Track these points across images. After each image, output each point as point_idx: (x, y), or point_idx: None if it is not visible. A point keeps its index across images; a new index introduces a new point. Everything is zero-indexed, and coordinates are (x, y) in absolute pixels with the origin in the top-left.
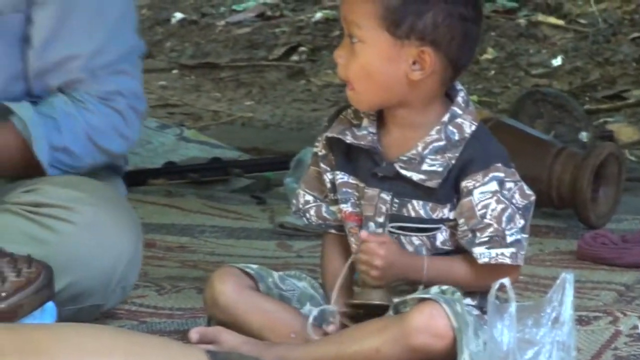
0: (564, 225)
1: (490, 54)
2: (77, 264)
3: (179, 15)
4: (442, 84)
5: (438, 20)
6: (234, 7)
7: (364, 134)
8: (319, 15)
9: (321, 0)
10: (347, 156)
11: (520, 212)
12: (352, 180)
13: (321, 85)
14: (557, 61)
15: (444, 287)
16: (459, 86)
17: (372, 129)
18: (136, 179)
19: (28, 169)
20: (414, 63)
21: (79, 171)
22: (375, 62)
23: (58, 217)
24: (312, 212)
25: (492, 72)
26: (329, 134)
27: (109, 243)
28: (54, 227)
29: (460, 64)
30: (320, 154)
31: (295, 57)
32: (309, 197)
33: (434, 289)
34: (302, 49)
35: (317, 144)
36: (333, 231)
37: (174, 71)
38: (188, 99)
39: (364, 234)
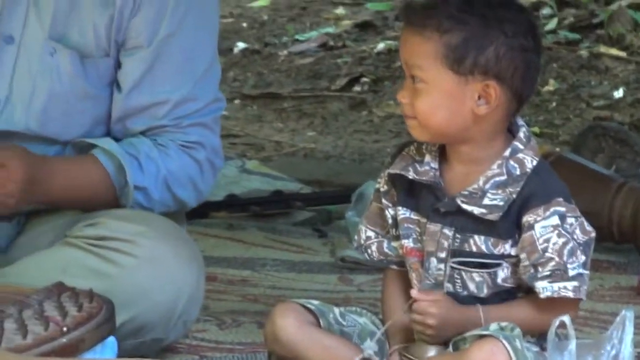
0: (625, 260)
1: (551, 85)
2: (138, 298)
3: (241, 45)
4: (506, 117)
5: (500, 54)
6: (296, 36)
7: (426, 170)
8: (381, 45)
9: (384, 30)
10: (410, 192)
11: (581, 247)
12: (414, 215)
13: (383, 116)
14: (618, 93)
15: (503, 324)
16: (521, 122)
17: (434, 165)
18: (198, 212)
19: (106, 203)
20: (479, 98)
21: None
22: (440, 101)
23: (120, 251)
24: (374, 247)
25: (554, 103)
26: (392, 171)
27: (170, 277)
28: (116, 260)
29: (524, 95)
30: (382, 190)
31: (357, 88)
32: (370, 233)
33: (493, 326)
34: (364, 79)
35: (379, 180)
36: (394, 267)
37: (236, 101)
38: (250, 129)
39: (414, 292)
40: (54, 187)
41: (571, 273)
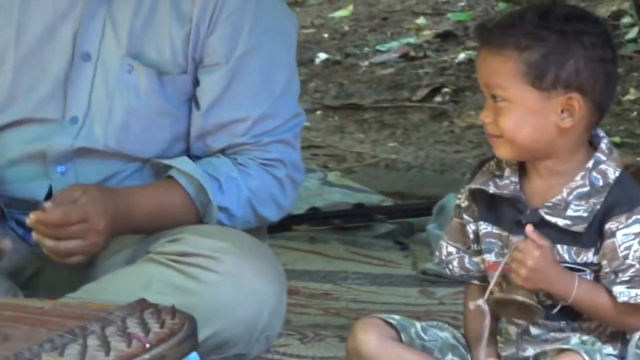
0: None
1: (632, 94)
2: (221, 313)
3: (322, 56)
4: (589, 129)
5: (580, 67)
6: (377, 47)
7: (506, 184)
8: (462, 55)
9: (464, 40)
10: (491, 206)
11: None
12: (495, 230)
13: (464, 126)
14: None
15: (584, 337)
16: (602, 133)
17: (514, 179)
18: (280, 225)
19: (190, 224)
20: (562, 112)
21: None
22: (525, 117)
23: (202, 267)
24: (455, 263)
25: (634, 113)
26: (472, 186)
27: (252, 292)
28: (198, 276)
29: (604, 105)
30: (463, 205)
31: (438, 98)
32: (451, 249)
33: (574, 339)
34: (445, 89)
35: (459, 196)
36: (475, 282)
37: (318, 112)
38: (331, 140)
39: (529, 228)
40: (138, 219)
41: None
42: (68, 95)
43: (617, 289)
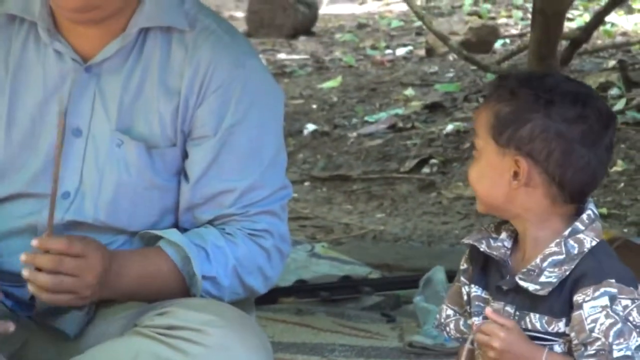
0: None
1: (619, 166)
2: None
3: (311, 127)
4: (553, 201)
5: (535, 133)
6: (366, 118)
7: (498, 246)
8: (450, 127)
9: (452, 112)
10: (483, 270)
11: (638, 330)
12: (484, 294)
13: (452, 197)
14: None
15: None
16: (591, 205)
17: (507, 243)
18: (267, 298)
19: (177, 294)
20: (514, 174)
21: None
22: (484, 169)
23: (189, 340)
24: (452, 325)
25: (622, 184)
26: (466, 240)
27: None
28: (185, 349)
29: (564, 181)
30: (462, 267)
31: (426, 169)
32: (450, 312)
33: None
34: (433, 161)
35: (462, 260)
36: (470, 345)
37: (306, 183)
38: (319, 212)
39: (489, 310)
40: (126, 280)
41: (616, 355)
42: (60, 171)
43: None
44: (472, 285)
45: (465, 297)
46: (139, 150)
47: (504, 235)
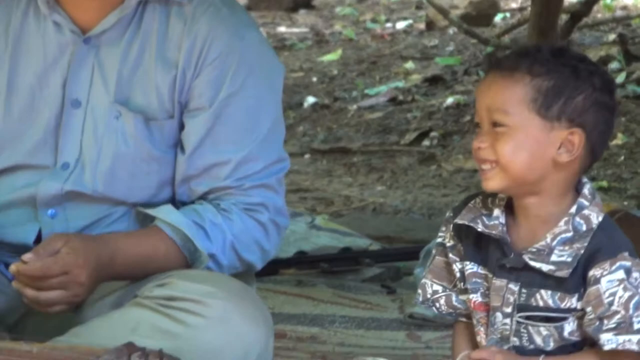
0: None
1: (620, 139)
2: (208, 357)
3: (311, 100)
4: (580, 172)
5: (587, 105)
6: (366, 91)
7: (495, 224)
8: (450, 100)
9: (453, 85)
10: (477, 246)
11: None
12: (481, 270)
13: (452, 170)
14: None
15: None
16: (585, 179)
17: (502, 220)
18: (268, 269)
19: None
20: (559, 147)
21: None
22: (524, 144)
23: (190, 311)
24: (442, 301)
25: (622, 157)
26: (459, 221)
27: (239, 336)
28: (185, 320)
29: (598, 151)
30: (448, 244)
31: (426, 142)
32: (437, 287)
33: None
34: (433, 134)
35: (441, 233)
36: (464, 319)
37: (306, 156)
38: (320, 184)
39: (474, 355)
40: (122, 267)
41: (636, 326)
42: (60, 142)
43: (604, 337)
44: (467, 262)
45: (457, 274)
46: (137, 122)
47: (497, 212)
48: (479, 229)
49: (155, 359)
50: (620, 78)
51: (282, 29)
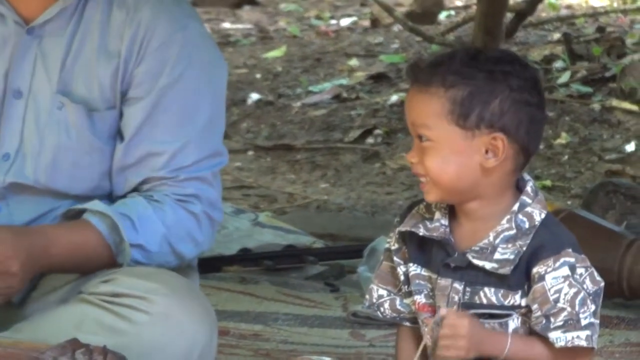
0: (635, 316)
1: (563, 138)
2: (152, 354)
3: (255, 96)
4: (515, 171)
5: (504, 107)
6: (310, 88)
7: (436, 226)
8: (394, 97)
9: (397, 82)
10: (420, 248)
11: (591, 297)
12: (424, 272)
13: (396, 168)
14: (630, 147)
15: None
16: (527, 177)
17: (444, 222)
18: (211, 266)
19: (105, 264)
20: (486, 152)
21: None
22: (449, 157)
23: (133, 307)
24: (386, 305)
25: (566, 157)
26: (402, 229)
27: (183, 333)
28: (129, 317)
29: (530, 149)
30: (393, 248)
31: (370, 140)
32: (382, 292)
33: None
34: (377, 131)
35: (389, 240)
36: (407, 324)
37: (250, 152)
38: (263, 181)
39: (443, 310)
40: (56, 254)
41: (583, 322)
42: (1, 133)
43: (553, 335)
44: (410, 265)
45: (402, 277)
46: (79, 113)
47: (438, 215)
48: (421, 234)
49: (99, 356)
50: (564, 77)
51: (226, 25)
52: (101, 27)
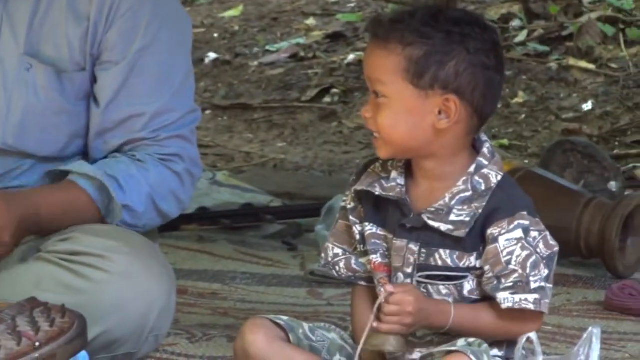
0: (592, 275)
1: (521, 97)
2: (111, 312)
3: (212, 56)
4: (469, 133)
5: (460, 69)
6: (267, 47)
7: (392, 186)
8: (351, 57)
9: (354, 42)
10: (376, 208)
11: (544, 261)
12: (380, 231)
13: (353, 127)
14: (587, 105)
15: (471, 340)
16: (484, 137)
17: (401, 181)
18: (169, 225)
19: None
20: (439, 113)
21: (136, 231)
22: (401, 115)
23: (92, 266)
24: (342, 264)
25: (523, 115)
26: (358, 187)
27: (142, 291)
28: (88, 275)
29: (484, 112)
30: (349, 207)
31: (327, 99)
32: (338, 250)
33: (461, 342)
34: (334, 90)
35: (345, 198)
36: (363, 283)
37: (207, 112)
38: (220, 140)
39: (388, 287)
40: (42, 223)
41: (533, 286)
42: None
43: (501, 295)
44: (366, 224)
45: (357, 237)
46: (48, 74)
47: (394, 174)
48: (377, 193)
49: (57, 314)
50: (521, 36)
51: None
52: None
